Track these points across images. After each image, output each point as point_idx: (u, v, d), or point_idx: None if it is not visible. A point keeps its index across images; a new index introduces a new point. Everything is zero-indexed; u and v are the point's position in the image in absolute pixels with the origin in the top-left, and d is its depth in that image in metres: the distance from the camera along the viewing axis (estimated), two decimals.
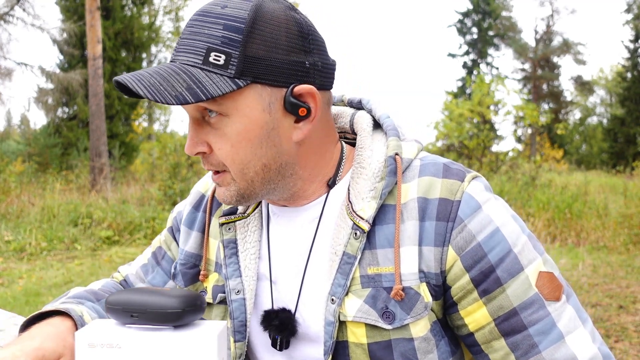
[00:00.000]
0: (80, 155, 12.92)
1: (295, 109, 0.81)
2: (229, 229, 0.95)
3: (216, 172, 0.85)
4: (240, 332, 0.92)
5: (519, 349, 0.80)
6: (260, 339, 0.93)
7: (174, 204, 9.01)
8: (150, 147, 15.12)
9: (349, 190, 0.87)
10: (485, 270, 0.80)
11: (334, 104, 1.00)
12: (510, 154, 12.82)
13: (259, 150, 0.82)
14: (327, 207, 0.89)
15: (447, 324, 0.87)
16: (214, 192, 1.01)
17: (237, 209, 0.95)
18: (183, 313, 0.75)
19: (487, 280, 0.81)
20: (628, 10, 28.07)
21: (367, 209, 0.84)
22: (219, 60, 0.77)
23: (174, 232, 1.08)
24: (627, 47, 26.47)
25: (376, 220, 0.84)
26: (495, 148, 17.11)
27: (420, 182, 0.84)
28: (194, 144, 0.83)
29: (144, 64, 18.43)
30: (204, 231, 1.01)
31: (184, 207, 1.07)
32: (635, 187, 9.10)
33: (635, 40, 26.35)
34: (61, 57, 15.78)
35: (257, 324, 0.92)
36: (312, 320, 0.88)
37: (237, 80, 0.77)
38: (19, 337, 0.82)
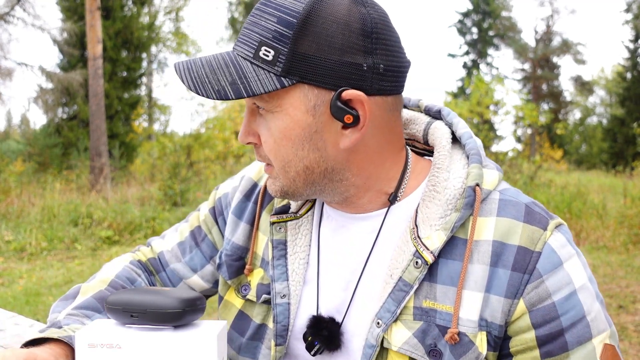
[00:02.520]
0: (80, 155, 12.91)
1: (341, 114, 0.76)
2: (280, 228, 0.91)
3: (268, 164, 0.84)
4: (282, 336, 0.89)
5: None
6: (298, 339, 0.90)
7: (174, 204, 9.01)
8: (150, 147, 15.11)
9: (416, 212, 0.81)
10: (555, 333, 0.75)
11: (408, 108, 0.95)
12: (510, 154, 12.81)
13: (300, 151, 0.78)
14: (387, 223, 0.84)
15: None
16: (266, 182, 0.97)
17: (289, 208, 0.92)
18: (183, 313, 0.75)
19: (553, 343, 0.75)
20: (628, 10, 28.04)
21: (435, 240, 0.77)
22: (267, 56, 0.74)
23: (216, 215, 1.04)
24: (627, 47, 26.45)
25: (441, 253, 0.78)
26: (494, 148, 17.10)
27: (498, 223, 0.78)
28: (245, 133, 0.82)
29: (144, 64, 18.42)
30: (252, 223, 0.97)
31: (232, 191, 1.02)
32: (635, 187, 9.09)
33: (635, 40, 26.33)
34: (61, 57, 15.77)
35: (301, 329, 0.89)
36: (353, 338, 0.84)
37: (282, 78, 0.74)
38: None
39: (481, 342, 0.76)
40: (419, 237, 0.79)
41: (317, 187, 0.82)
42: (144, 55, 18.13)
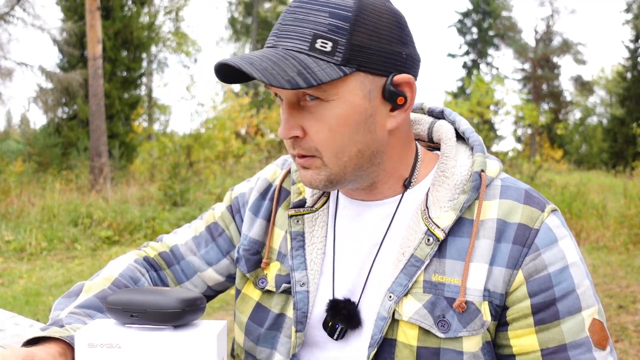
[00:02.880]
0: (80, 155, 12.90)
1: (394, 97, 0.83)
2: (297, 221, 0.97)
3: (303, 157, 0.86)
4: (302, 322, 0.93)
5: None
6: (315, 327, 0.94)
7: (174, 204, 9.01)
8: (150, 147, 15.11)
9: (427, 195, 0.89)
10: (548, 302, 0.83)
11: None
12: (510, 154, 12.82)
13: (356, 135, 0.83)
14: (400, 208, 0.91)
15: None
16: (281, 182, 1.03)
17: (305, 202, 0.97)
18: (183, 313, 0.75)
19: (546, 311, 0.83)
20: (628, 10, 28.05)
21: (445, 219, 0.85)
22: (325, 47, 0.79)
23: (233, 213, 1.08)
24: (627, 47, 26.45)
25: (450, 231, 0.86)
26: (495, 148, 17.11)
27: (501, 204, 0.86)
28: (289, 128, 0.84)
29: (144, 64, 18.42)
30: (268, 219, 1.02)
31: (248, 190, 1.08)
32: (635, 187, 9.09)
33: (635, 40, 26.33)
34: (61, 57, 15.77)
35: (318, 316, 0.93)
36: (368, 314, 0.90)
37: (343, 67, 0.79)
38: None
39: (485, 311, 0.83)
40: (430, 217, 0.86)
41: (360, 172, 0.87)
42: (144, 55, 18.13)
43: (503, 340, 0.86)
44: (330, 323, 0.91)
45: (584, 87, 35.66)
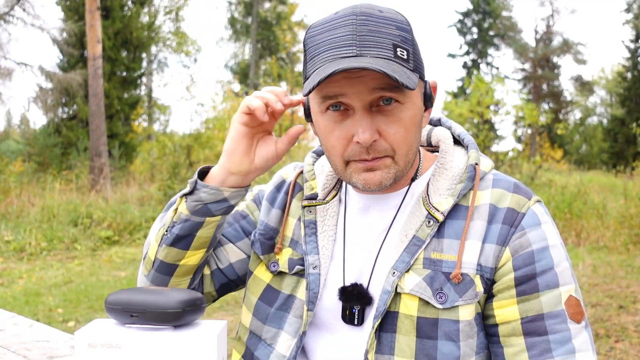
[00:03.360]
0: (80, 155, 12.90)
1: (430, 99, 0.97)
2: (310, 211, 1.07)
3: (375, 159, 0.92)
4: (312, 302, 1.00)
5: (535, 349, 0.91)
6: (330, 311, 1.01)
7: None
8: (150, 147, 15.10)
9: (428, 185, 0.99)
10: (529, 275, 0.92)
11: None
12: (510, 154, 12.80)
13: (418, 134, 0.96)
14: (407, 198, 1.01)
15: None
16: (296, 178, 1.13)
17: (317, 195, 1.07)
18: (183, 313, 0.75)
19: (527, 283, 0.92)
20: (628, 10, 28.05)
21: (444, 204, 0.96)
22: (404, 55, 0.88)
23: (257, 203, 1.18)
24: (627, 47, 26.45)
25: (448, 215, 0.96)
26: (495, 148, 17.11)
27: (493, 192, 0.97)
28: (372, 132, 0.89)
29: (144, 64, 18.42)
30: (283, 209, 1.12)
31: (265, 187, 1.19)
32: (635, 187, 9.08)
33: (635, 40, 26.33)
34: (61, 57, 15.77)
35: (327, 298, 1.01)
36: (376, 293, 0.97)
37: (415, 73, 0.90)
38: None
39: (478, 283, 0.93)
40: (430, 203, 0.97)
41: (410, 167, 0.97)
42: (144, 55, 18.13)
43: (489, 311, 0.94)
44: (347, 311, 0.98)
45: (584, 87, 35.67)
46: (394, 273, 0.94)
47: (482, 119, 12.63)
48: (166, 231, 1.04)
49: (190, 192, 1.02)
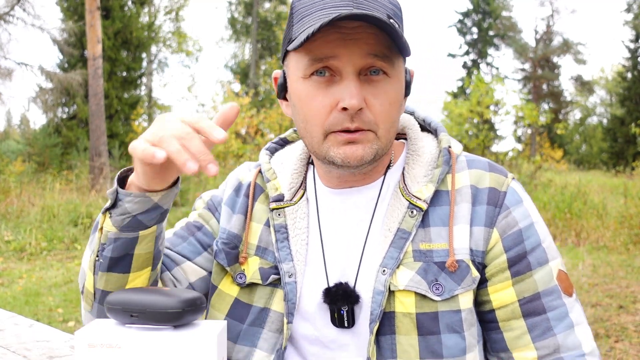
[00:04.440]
0: (80, 155, 12.90)
1: (409, 87, 0.94)
2: (279, 214, 0.97)
3: (358, 130, 0.86)
4: (292, 313, 0.92)
5: (536, 329, 0.89)
6: (312, 320, 0.93)
7: (174, 204, 9.01)
8: None
9: (403, 174, 0.95)
10: (521, 254, 0.90)
11: None
12: (510, 154, 12.81)
13: (399, 113, 0.91)
14: (383, 189, 0.96)
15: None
16: (255, 179, 1.03)
17: (284, 196, 0.98)
18: (183, 313, 0.75)
19: (520, 263, 0.90)
20: (628, 10, 28.06)
21: (425, 191, 0.91)
22: (395, 26, 0.81)
23: (212, 210, 1.06)
24: (627, 47, 26.45)
25: (430, 203, 0.92)
26: (495, 148, 17.10)
27: (470, 173, 0.94)
28: (360, 99, 0.84)
29: (144, 63, 18.41)
30: (245, 214, 1.01)
31: (220, 191, 1.07)
32: (635, 187, 9.08)
33: (635, 40, 26.33)
34: (61, 57, 15.77)
35: (308, 305, 0.93)
36: (364, 294, 0.91)
37: (405, 48, 0.85)
38: None
39: (472, 268, 0.89)
40: (410, 192, 0.92)
41: (388, 149, 0.93)
42: (144, 55, 18.12)
43: (484, 297, 0.91)
44: (335, 314, 0.91)
45: (584, 87, 35.66)
46: (383, 271, 0.88)
47: (482, 119, 12.63)
48: (97, 256, 0.88)
49: (113, 205, 0.85)
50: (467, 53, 33.20)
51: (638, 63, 25.84)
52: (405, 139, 1.03)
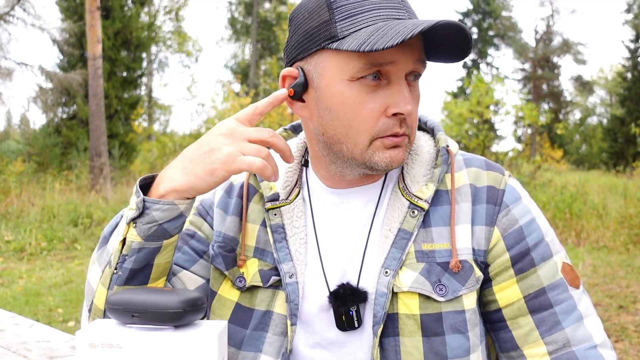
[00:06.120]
0: (80, 155, 12.89)
1: None
2: (276, 214, 0.96)
3: (402, 135, 0.87)
4: (295, 315, 0.90)
5: (545, 325, 0.88)
6: (315, 322, 0.92)
7: None
8: (150, 147, 15.09)
9: (402, 174, 0.94)
10: (523, 251, 0.90)
11: None
12: (510, 154, 12.80)
13: None
14: (384, 189, 0.95)
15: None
16: (247, 179, 1.00)
17: (279, 196, 0.96)
18: (184, 313, 0.75)
19: (523, 260, 0.90)
20: (628, 10, 28.04)
21: (426, 191, 0.91)
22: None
23: (202, 216, 1.03)
24: (627, 47, 26.44)
25: (430, 202, 0.91)
26: (495, 148, 17.09)
27: (469, 172, 0.94)
28: (413, 104, 0.87)
29: (144, 63, 18.41)
30: (240, 215, 0.99)
31: (210, 194, 1.03)
32: (635, 187, 9.08)
33: (635, 40, 26.31)
34: (61, 57, 15.77)
35: (311, 306, 0.92)
36: (369, 296, 0.90)
37: None
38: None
39: (476, 268, 0.89)
40: (410, 192, 0.92)
41: None
42: (144, 55, 18.12)
43: (489, 297, 0.91)
44: (343, 317, 0.89)
45: (584, 87, 35.65)
46: (386, 272, 0.87)
47: (482, 119, 12.63)
48: (115, 269, 0.87)
49: (140, 214, 0.85)
50: None
51: (638, 63, 25.82)
52: None
